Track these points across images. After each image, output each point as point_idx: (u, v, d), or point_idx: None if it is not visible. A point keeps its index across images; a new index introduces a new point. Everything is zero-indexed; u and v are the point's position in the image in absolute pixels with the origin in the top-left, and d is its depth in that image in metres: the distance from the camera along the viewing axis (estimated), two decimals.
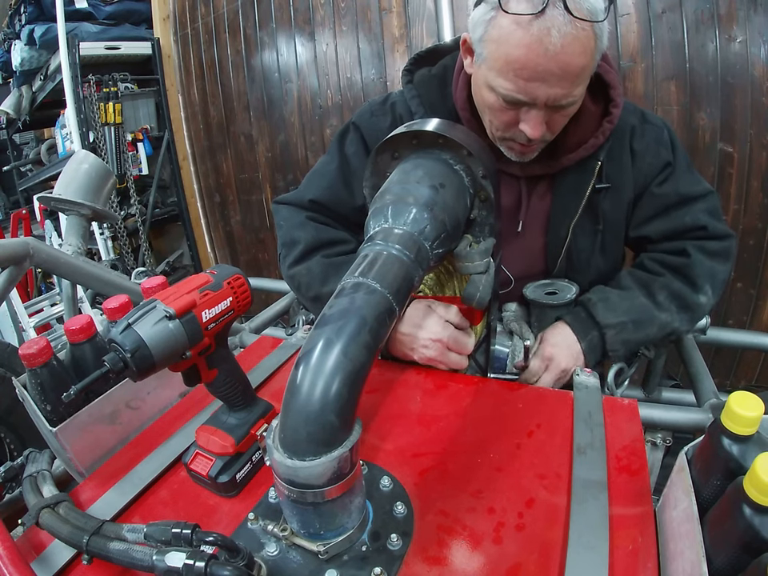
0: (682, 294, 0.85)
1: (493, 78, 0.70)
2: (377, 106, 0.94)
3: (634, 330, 0.83)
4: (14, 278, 1.05)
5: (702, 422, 0.78)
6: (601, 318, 0.83)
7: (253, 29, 2.44)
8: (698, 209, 0.87)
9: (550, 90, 0.67)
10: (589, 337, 0.83)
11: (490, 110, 0.76)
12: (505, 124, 0.76)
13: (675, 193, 0.88)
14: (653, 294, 0.85)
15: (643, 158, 0.87)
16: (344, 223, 0.95)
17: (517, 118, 0.74)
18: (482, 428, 0.68)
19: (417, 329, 0.78)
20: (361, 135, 0.92)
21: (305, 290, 0.89)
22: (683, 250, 0.87)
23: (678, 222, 0.88)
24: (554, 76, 0.66)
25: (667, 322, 0.84)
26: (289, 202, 0.97)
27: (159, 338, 0.48)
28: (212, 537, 0.42)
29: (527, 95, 0.69)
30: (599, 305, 0.85)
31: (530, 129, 0.72)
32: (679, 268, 0.87)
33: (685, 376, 1.02)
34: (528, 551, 0.50)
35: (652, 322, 0.84)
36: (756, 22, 1.49)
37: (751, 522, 0.37)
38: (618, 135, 0.85)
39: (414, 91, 0.89)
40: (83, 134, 2.51)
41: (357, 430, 0.46)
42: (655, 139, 0.87)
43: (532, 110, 0.71)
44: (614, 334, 0.83)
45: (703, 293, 0.85)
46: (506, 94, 0.70)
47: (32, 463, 0.66)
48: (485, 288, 0.70)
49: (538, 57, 0.64)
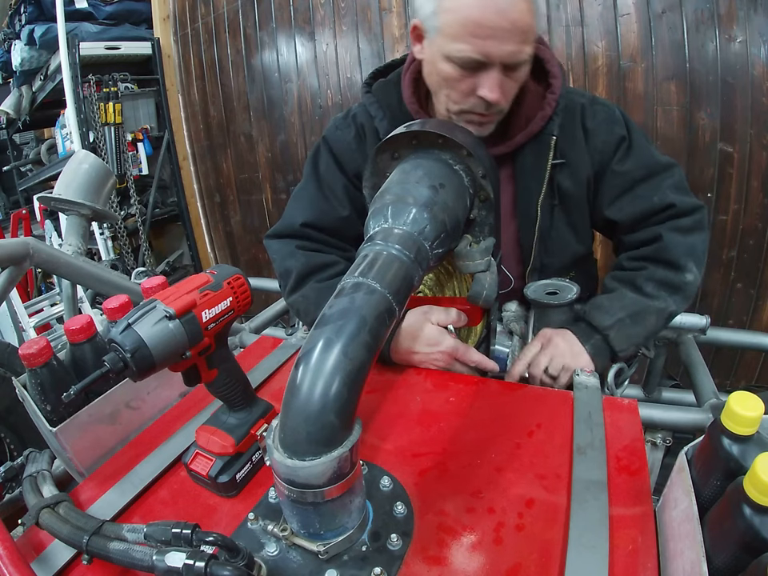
0: (667, 279, 0.86)
1: (449, 45, 0.73)
2: (340, 120, 0.99)
3: (632, 324, 0.84)
4: (13, 278, 1.05)
5: (702, 422, 0.78)
6: (598, 322, 0.84)
7: (253, 29, 2.44)
8: (665, 185, 0.89)
9: (503, 46, 0.72)
10: (592, 341, 0.84)
11: (447, 81, 0.78)
12: (463, 93, 0.78)
13: (639, 167, 0.89)
14: (640, 287, 0.86)
15: (596, 135, 0.89)
16: (334, 241, 0.97)
17: (474, 84, 0.76)
18: (482, 428, 0.68)
19: (427, 346, 0.80)
20: (330, 149, 0.97)
21: (304, 316, 0.94)
22: (657, 235, 0.88)
23: (647, 203, 0.89)
24: (506, 31, 0.70)
25: (662, 308, 0.85)
26: (278, 234, 1.00)
27: (159, 338, 0.48)
28: (212, 537, 0.42)
29: (483, 54, 0.72)
30: (593, 312, 0.86)
31: (488, 91, 0.75)
32: (657, 255, 0.88)
33: (685, 376, 1.02)
34: (528, 551, 0.50)
35: (648, 311, 0.85)
36: (756, 22, 1.49)
37: (751, 521, 0.37)
38: (568, 113, 0.89)
39: (373, 98, 0.94)
40: (83, 134, 2.51)
41: (357, 430, 0.46)
42: (606, 118, 0.90)
43: (490, 71, 0.74)
44: (615, 332, 0.84)
45: (688, 271, 0.86)
46: (463, 56, 0.73)
47: (32, 463, 0.66)
48: (491, 286, 0.71)
49: (492, 14, 0.69)
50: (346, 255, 0.97)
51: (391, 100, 0.93)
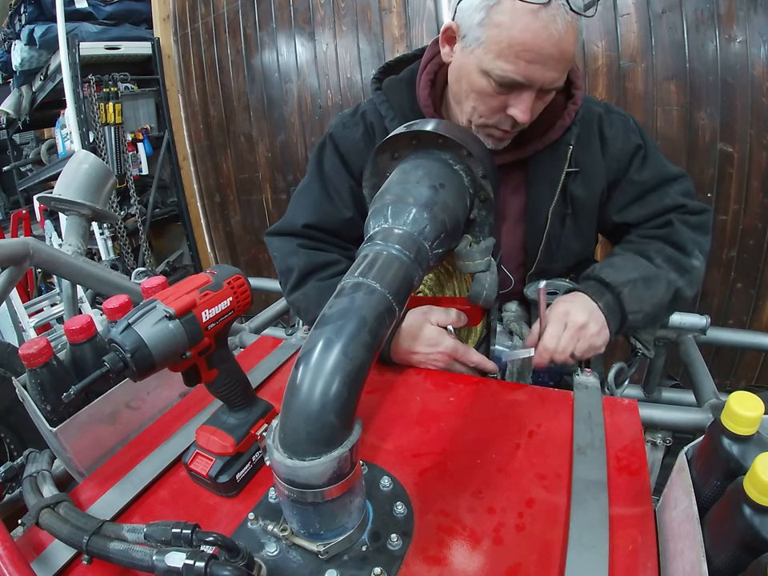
0: (675, 257, 0.86)
1: (490, 61, 0.72)
2: (347, 117, 0.96)
3: (645, 287, 0.83)
4: (13, 278, 1.05)
5: (702, 422, 0.78)
6: (611, 279, 0.81)
7: (253, 29, 2.44)
8: (675, 191, 0.90)
9: (547, 73, 0.71)
10: (605, 298, 0.80)
11: (478, 95, 0.77)
12: (492, 110, 0.77)
13: (653, 176, 0.91)
14: (650, 257, 0.86)
15: (614, 143, 0.90)
16: (336, 240, 0.97)
17: (505, 102, 0.76)
18: (482, 428, 0.68)
19: (426, 346, 0.80)
20: (336, 147, 0.95)
21: (304, 315, 0.93)
22: (668, 221, 0.89)
23: (658, 205, 0.91)
24: (553, 59, 0.70)
25: (672, 280, 0.84)
26: (279, 231, 0.98)
27: (159, 338, 0.48)
28: (212, 537, 0.42)
29: (526, 77, 0.71)
30: (605, 269, 0.84)
31: (520, 113, 0.75)
32: (666, 236, 0.88)
33: (685, 376, 1.02)
34: (528, 551, 0.50)
35: (659, 279, 0.84)
36: (756, 22, 1.49)
37: (751, 521, 0.37)
38: (585, 122, 0.89)
39: (383, 96, 0.92)
40: (83, 134, 2.51)
41: (357, 430, 0.46)
42: (623, 126, 0.91)
43: (524, 94, 0.74)
44: (628, 291, 0.81)
45: (695, 257, 0.87)
46: (504, 75, 0.72)
47: (32, 463, 0.66)
48: (491, 286, 0.71)
49: (543, 41, 0.68)
50: (347, 254, 0.96)
51: (402, 100, 0.91)
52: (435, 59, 0.88)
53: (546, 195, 0.89)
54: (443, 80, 0.88)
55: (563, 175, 0.88)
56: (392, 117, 0.90)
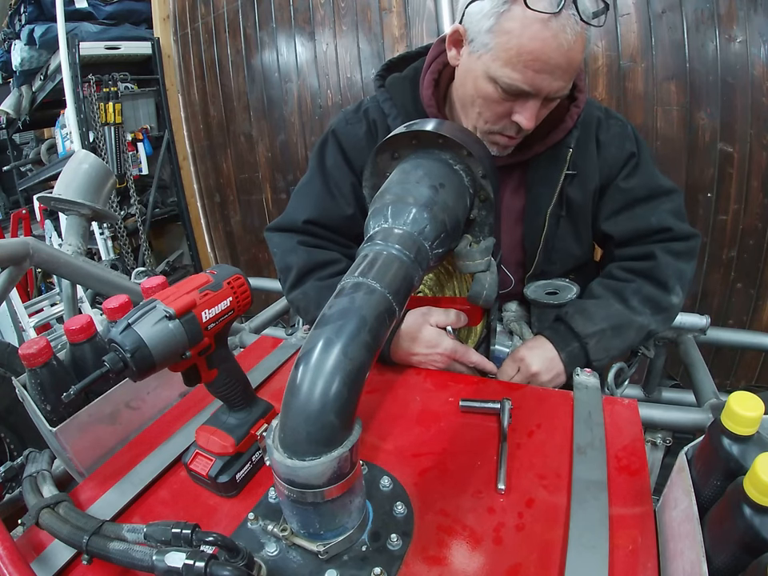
0: (654, 297, 0.86)
1: (497, 68, 0.72)
2: (350, 114, 0.96)
3: (613, 336, 0.83)
4: (13, 278, 1.05)
5: (702, 422, 0.78)
6: (580, 329, 0.83)
7: (253, 29, 2.44)
8: (664, 208, 0.89)
9: (554, 82, 0.71)
10: (569, 348, 0.83)
11: (484, 101, 0.77)
12: (497, 116, 0.78)
13: (642, 186, 0.90)
14: (626, 299, 0.86)
15: (608, 148, 0.90)
16: (337, 237, 0.96)
17: (510, 109, 0.76)
18: (482, 428, 0.68)
19: (425, 348, 0.80)
20: (338, 144, 0.94)
21: (304, 314, 0.93)
22: (650, 253, 0.88)
23: (644, 222, 0.89)
24: (561, 69, 0.70)
25: (644, 324, 0.85)
26: (280, 227, 0.98)
27: (159, 338, 0.48)
28: (212, 537, 0.42)
29: (533, 86, 0.71)
30: (576, 316, 0.85)
31: (525, 120, 0.75)
32: (648, 272, 0.88)
33: (685, 376, 1.02)
34: (528, 551, 0.50)
35: (630, 326, 0.84)
36: (756, 22, 1.49)
37: (751, 521, 0.37)
38: (584, 125, 0.89)
39: (387, 94, 0.92)
40: (83, 134, 2.51)
41: (357, 430, 0.46)
42: (619, 132, 0.91)
43: (530, 101, 0.74)
44: (595, 342, 0.83)
45: (675, 293, 0.86)
46: (511, 83, 0.71)
47: (32, 463, 0.66)
48: (491, 286, 0.71)
49: (552, 51, 0.68)
50: (347, 252, 0.96)
51: (406, 98, 0.90)
52: (440, 58, 0.87)
53: (545, 197, 0.89)
54: (447, 79, 0.88)
55: (562, 177, 0.88)
56: (395, 115, 0.90)
